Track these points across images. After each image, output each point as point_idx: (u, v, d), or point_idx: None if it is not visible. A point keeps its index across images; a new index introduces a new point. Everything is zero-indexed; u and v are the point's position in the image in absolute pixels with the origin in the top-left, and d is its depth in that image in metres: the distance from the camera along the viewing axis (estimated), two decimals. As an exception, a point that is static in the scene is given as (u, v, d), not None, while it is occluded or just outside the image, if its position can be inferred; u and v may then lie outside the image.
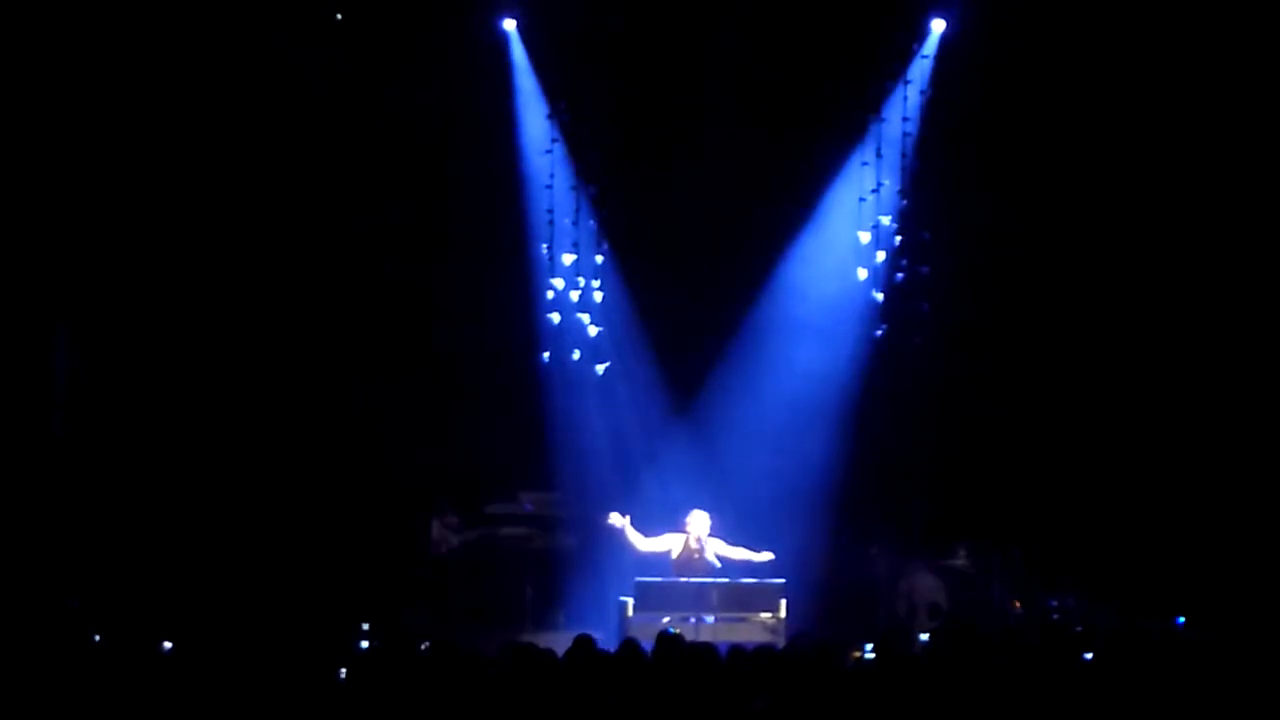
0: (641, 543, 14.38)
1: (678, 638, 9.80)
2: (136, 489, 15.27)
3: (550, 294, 16.20)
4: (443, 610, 15.80)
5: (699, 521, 14.65)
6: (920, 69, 16.00)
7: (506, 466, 16.45)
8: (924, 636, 13.83)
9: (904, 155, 15.95)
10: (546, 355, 16.21)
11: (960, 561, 16.30)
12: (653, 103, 15.90)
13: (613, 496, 15.84)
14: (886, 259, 16.17)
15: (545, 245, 16.16)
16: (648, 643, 9.96)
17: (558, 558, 16.50)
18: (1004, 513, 16.18)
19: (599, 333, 16.30)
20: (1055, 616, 15.56)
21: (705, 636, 13.21)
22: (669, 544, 14.61)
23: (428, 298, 16.18)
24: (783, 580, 14.22)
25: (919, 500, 16.45)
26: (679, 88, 15.89)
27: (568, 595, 16.29)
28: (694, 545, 14.58)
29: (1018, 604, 15.85)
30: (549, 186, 16.07)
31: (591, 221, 16.19)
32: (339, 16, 14.96)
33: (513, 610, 15.97)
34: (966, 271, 16.14)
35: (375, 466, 16.00)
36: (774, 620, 13.97)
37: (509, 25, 15.97)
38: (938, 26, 15.94)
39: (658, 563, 14.49)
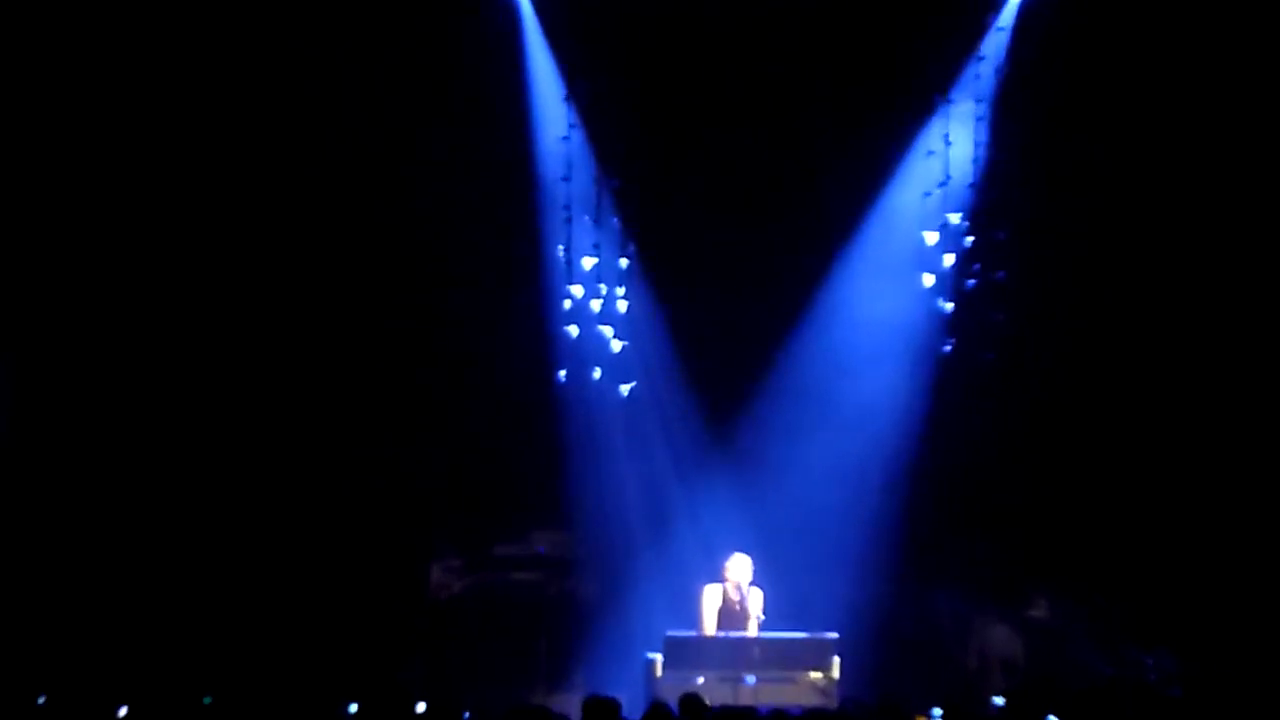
0: (709, 620, 14.53)
1: (705, 703, 10.14)
2: (98, 531, 15.54)
3: (567, 303, 16.20)
4: (443, 666, 15.89)
5: (740, 567, 14.70)
6: (995, 42, 16.10)
7: (516, 502, 16.48)
8: (998, 699, 14.23)
9: (976, 142, 16.04)
10: (563, 374, 16.21)
11: (1039, 612, 16.45)
12: (686, 83, 15.90)
13: (638, 538, 16.15)
14: (956, 263, 16.22)
15: (561, 247, 16.18)
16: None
17: (575, 607, 16.54)
18: (1091, 557, 16.22)
19: (623, 348, 16.31)
20: (1151, 677, 15.59)
21: (746, 699, 13.46)
22: (710, 598, 14.74)
23: (425, 308, 16.22)
24: (835, 635, 14.35)
25: (992, 543, 16.46)
26: (716, 65, 15.90)
27: (586, 650, 16.32)
28: (734, 595, 14.64)
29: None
30: (566, 179, 16.10)
31: (615, 220, 16.25)
32: None
33: (523, 667, 16.03)
34: (1048, 277, 16.13)
35: (366, 502, 16.07)
36: (825, 680, 14.11)
37: (520, -8, 16.04)
38: (1016, -9, 15.95)
39: (693, 614, 14.73)
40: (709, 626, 14.58)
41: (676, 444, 16.71)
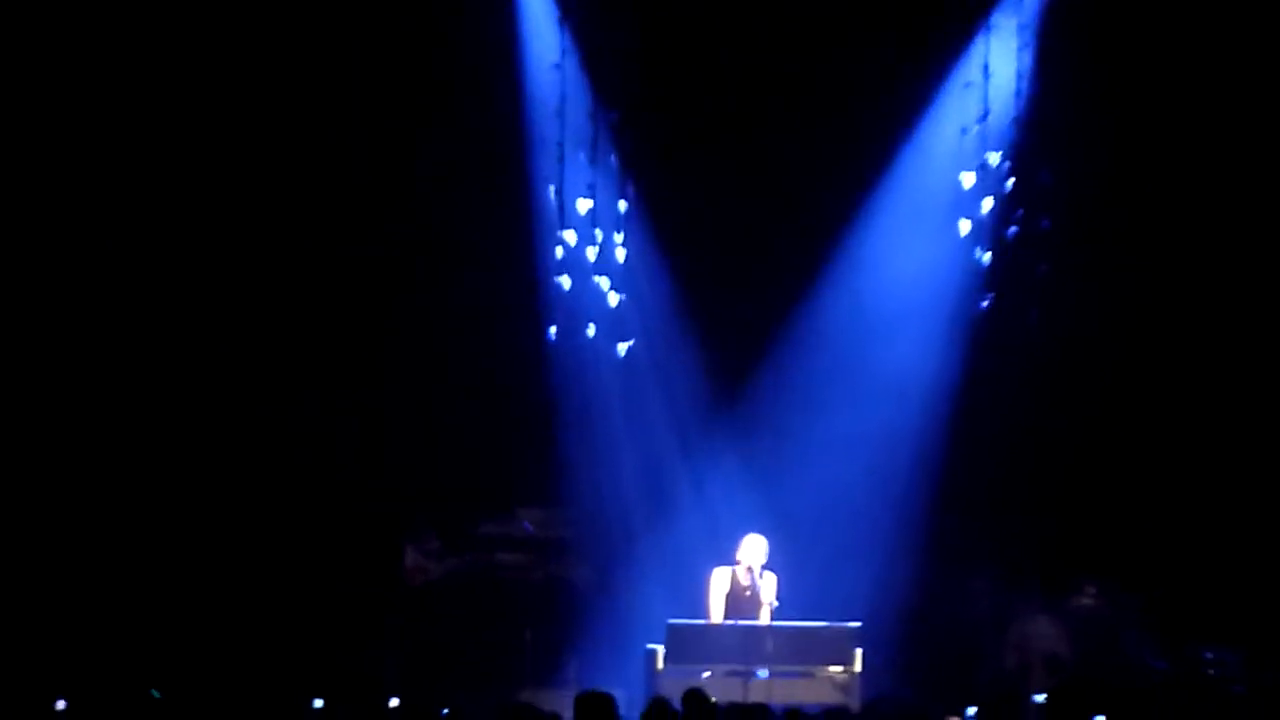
0: (717, 607, 14.30)
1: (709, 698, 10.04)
2: (44, 520, 15.34)
3: (559, 252, 15.87)
4: (418, 658, 15.66)
5: (754, 548, 14.30)
6: (1040, -41, 15.88)
7: (501, 475, 16.19)
8: (1040, 697, 13.93)
9: (1018, 73, 15.76)
10: (553, 331, 15.88)
11: (1087, 601, 16.17)
12: (695, 1, 15.70)
13: (637, 516, 15.94)
14: (995, 208, 15.83)
15: (553, 188, 15.84)
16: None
17: (567, 593, 16.30)
18: (1143, 539, 15.99)
19: (621, 302, 15.99)
20: (1210, 672, 15.44)
21: (758, 696, 13.16)
22: (719, 583, 14.36)
23: (400, 260, 15.94)
24: (858, 624, 13.97)
25: (1033, 524, 16.10)
26: (728, -18, 15.75)
27: (579, 641, 16.10)
28: (744, 579, 14.20)
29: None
30: (559, 112, 15.79)
31: (613, 157, 15.93)
32: None
33: (509, 660, 15.78)
34: (1099, 224, 15.82)
35: (331, 476, 15.80)
36: (846, 675, 13.80)
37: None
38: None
39: (698, 600, 14.51)
40: (716, 614, 14.24)
41: (681, 411, 16.50)
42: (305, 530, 15.76)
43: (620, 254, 16.09)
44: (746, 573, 14.15)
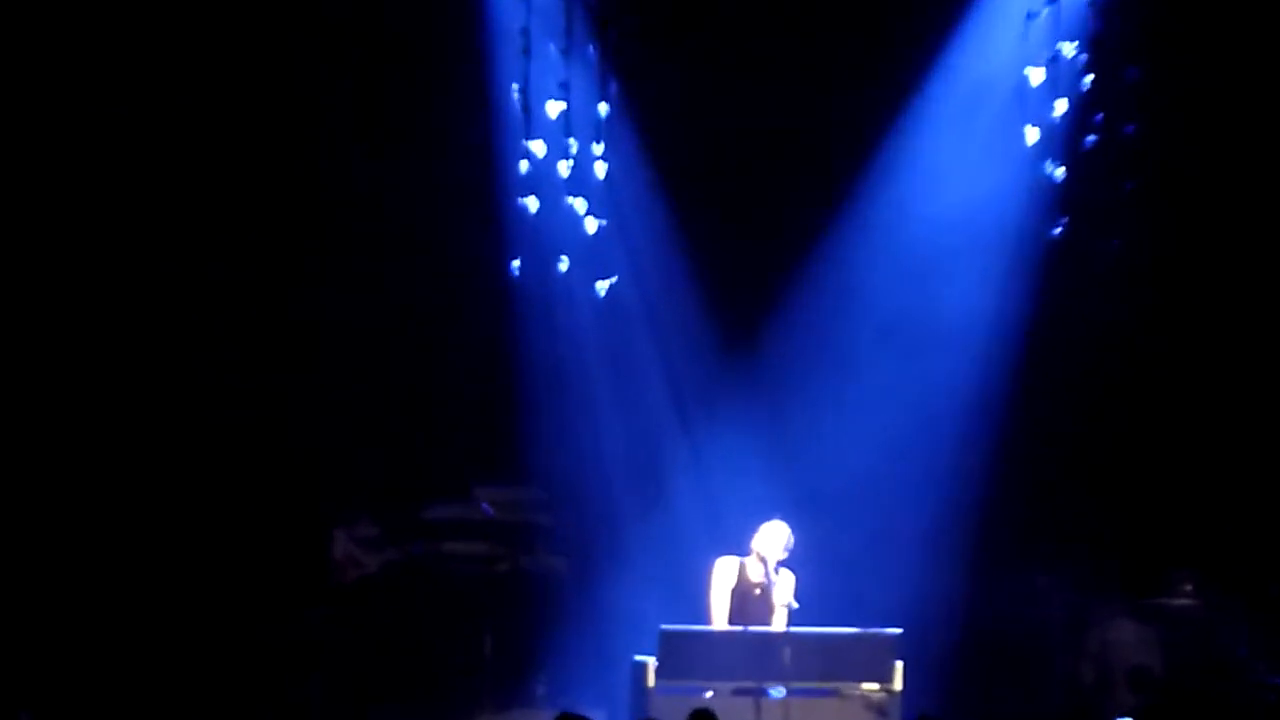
0: (721, 609, 13.55)
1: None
2: None
3: (524, 166, 15.15)
4: (350, 676, 14.87)
5: (773, 539, 13.37)
6: None
7: (454, 446, 15.28)
8: None
9: None
10: (516, 265, 15.19)
11: (1182, 601, 15.59)
12: None
13: (622, 497, 15.31)
14: (1069, 111, 15.15)
15: (516, 87, 15.15)
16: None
17: (536, 591, 15.48)
18: (1250, 526, 15.37)
19: (601, 230, 15.22)
20: None
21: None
22: (724, 577, 13.53)
23: (328, 174, 15.15)
24: (898, 631, 13.03)
25: (1116, 507, 15.51)
26: None
27: (552, 652, 15.30)
28: (755, 575, 13.33)
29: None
30: None
31: (591, 50, 15.21)
32: None
33: (464, 676, 15.01)
34: (1198, 132, 15.17)
35: (240, 447, 15.07)
36: (883, 695, 12.94)
37: None
38: None
39: (698, 600, 13.70)
40: (720, 616, 13.38)
41: (676, 367, 15.69)
42: (208, 515, 15.04)
43: (600, 169, 15.29)
44: (759, 566, 13.28)
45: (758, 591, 13.31)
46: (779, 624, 13.22)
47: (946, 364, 15.58)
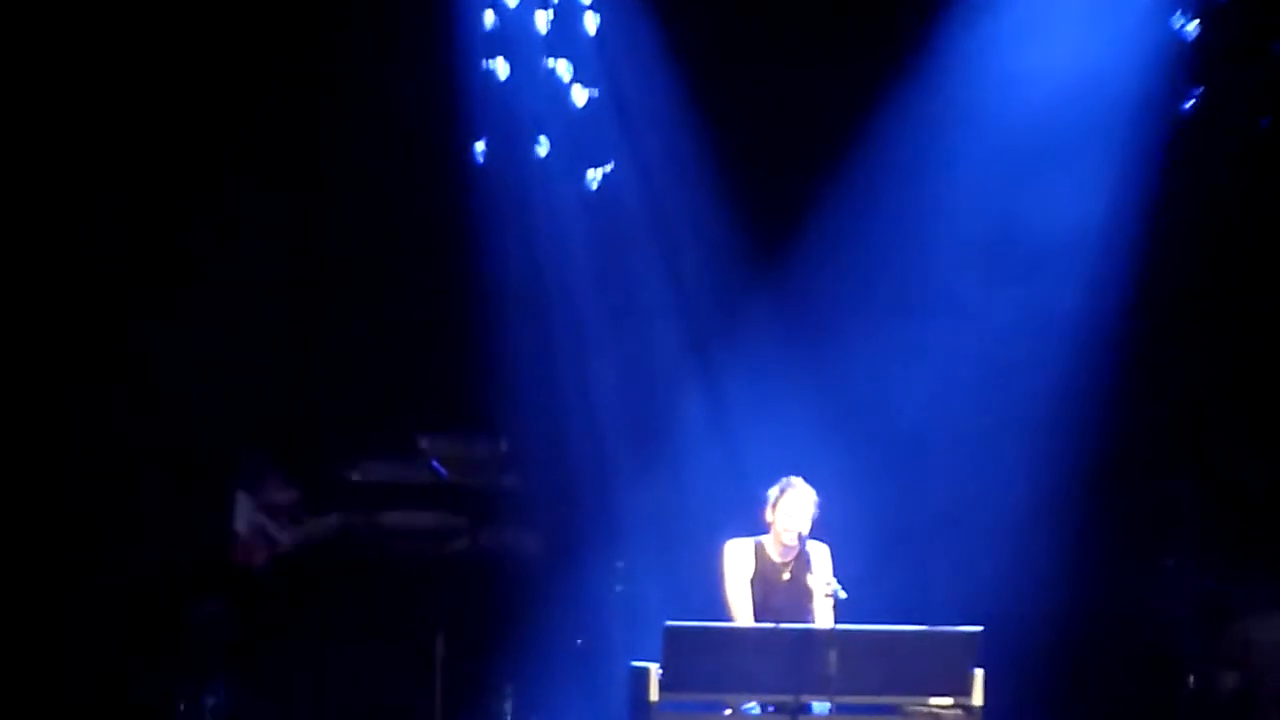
0: (742, 600, 11.96)
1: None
2: None
3: (489, 19, 13.42)
4: (255, 692, 13.10)
5: (797, 505, 11.57)
6: None
7: (396, 386, 13.44)
8: None
9: None
10: (480, 149, 13.41)
11: None
12: None
13: (615, 453, 13.60)
14: None
15: None
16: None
17: (501, 577, 13.60)
18: None
19: (592, 102, 13.59)
20: None
21: None
22: (739, 561, 11.92)
23: (231, 28, 13.22)
24: (978, 629, 11.27)
25: (1261, 466, 13.76)
26: None
27: (521, 656, 13.44)
28: (780, 555, 11.56)
29: None
30: None
31: None
32: None
33: (409, 687, 13.18)
34: None
35: (98, 387, 13.18)
36: (958, 714, 11.27)
37: None
38: None
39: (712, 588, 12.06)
40: (743, 611, 11.68)
41: (688, 285, 13.82)
42: (61, 476, 13.03)
43: (590, 22, 13.50)
44: (785, 540, 11.44)
45: (785, 577, 11.48)
46: (822, 619, 11.37)
47: (1038, 287, 13.59)
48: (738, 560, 11.77)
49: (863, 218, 13.81)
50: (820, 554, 11.57)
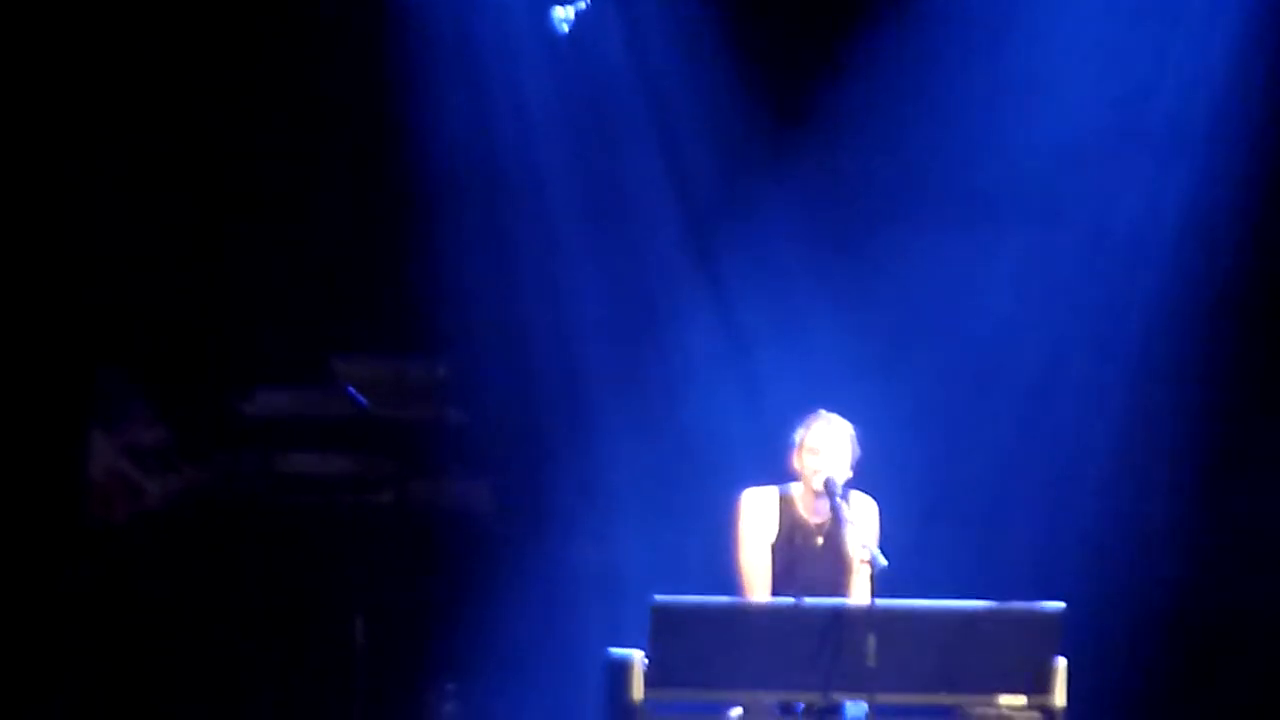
0: (758, 564, 10.29)
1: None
2: None
3: None
4: (120, 687, 11.22)
5: (832, 441, 9.97)
6: None
7: (300, 291, 11.54)
8: None
9: None
10: None
11: None
12: None
13: (594, 379, 11.93)
14: None
15: None
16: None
17: (439, 538, 11.72)
18: None
19: None
20: None
21: None
22: (759, 514, 10.10)
23: None
24: (1059, 606, 9.61)
25: None
26: None
27: (465, 641, 11.64)
28: (808, 509, 9.93)
29: None
30: None
31: None
32: None
33: (319, 684, 11.31)
34: None
35: None
36: (1033, 713, 9.57)
37: None
38: None
39: (722, 550, 10.46)
40: (759, 582, 9.92)
41: (688, 162, 11.80)
42: None
43: None
44: (813, 484, 9.69)
45: (819, 540, 9.56)
46: (858, 593, 9.61)
47: (1158, 183, 11.43)
48: (756, 514, 9.92)
49: (926, 81, 11.52)
50: (865, 509, 9.75)
